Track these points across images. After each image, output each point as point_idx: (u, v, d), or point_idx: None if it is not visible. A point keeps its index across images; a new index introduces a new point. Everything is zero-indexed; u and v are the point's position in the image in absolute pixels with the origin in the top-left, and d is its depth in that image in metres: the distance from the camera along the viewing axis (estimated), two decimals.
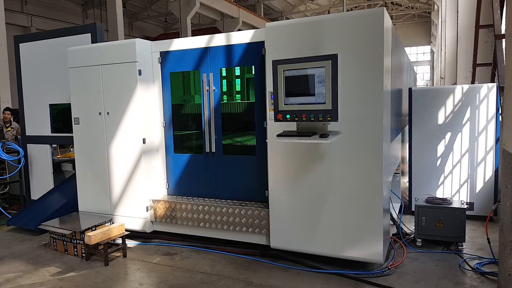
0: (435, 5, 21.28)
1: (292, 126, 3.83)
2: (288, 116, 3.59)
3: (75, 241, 4.72)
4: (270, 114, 4.14)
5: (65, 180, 6.46)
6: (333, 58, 3.35)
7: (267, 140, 3.61)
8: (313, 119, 3.48)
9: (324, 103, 3.42)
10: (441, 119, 5.83)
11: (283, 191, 4.18)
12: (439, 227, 4.73)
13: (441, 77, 17.36)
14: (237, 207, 4.50)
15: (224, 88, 5.15)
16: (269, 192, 4.26)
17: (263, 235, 4.45)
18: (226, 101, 4.98)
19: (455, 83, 10.51)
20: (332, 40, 3.76)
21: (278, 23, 4.13)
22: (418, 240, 4.79)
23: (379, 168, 3.75)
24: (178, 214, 4.83)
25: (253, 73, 4.51)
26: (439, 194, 5.85)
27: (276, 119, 3.66)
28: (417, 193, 5.77)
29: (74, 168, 6.60)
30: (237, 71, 5.20)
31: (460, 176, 5.82)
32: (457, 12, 9.62)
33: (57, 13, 19.58)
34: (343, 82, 3.65)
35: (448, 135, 5.82)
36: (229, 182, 4.77)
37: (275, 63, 3.59)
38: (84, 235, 4.64)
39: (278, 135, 3.68)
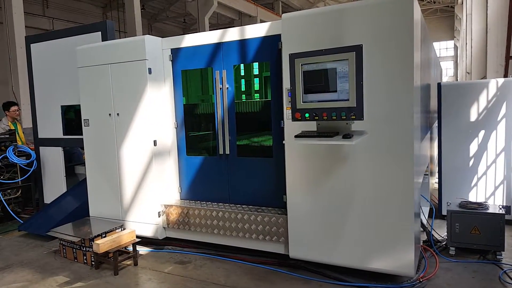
0: None
1: (311, 125, 3.50)
2: (307, 115, 3.26)
3: (84, 249, 4.52)
4: (287, 113, 3.82)
5: (77, 184, 6.30)
6: (358, 49, 3.00)
7: (284, 142, 3.30)
8: (335, 118, 3.14)
9: (348, 99, 3.08)
10: (473, 116, 5.37)
11: (302, 196, 3.86)
12: (474, 234, 4.30)
13: (467, 72, 16.63)
14: (253, 213, 4.20)
15: (243, 87, 4.85)
16: (287, 198, 3.95)
17: (281, 243, 4.13)
18: (244, 99, 4.69)
19: (484, 77, 9.92)
20: (355, 31, 3.41)
21: (295, 14, 3.81)
22: (451, 248, 4.38)
23: (409, 170, 3.39)
24: (191, 220, 4.57)
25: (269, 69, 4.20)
26: (472, 197, 5.40)
27: (294, 119, 3.34)
28: (448, 196, 5.34)
29: None
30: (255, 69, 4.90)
31: (495, 178, 5.35)
32: (487, 3, 9.04)
33: (78, 16, 19.74)
34: (367, 77, 3.27)
35: (482, 133, 5.35)
36: (244, 186, 4.47)
37: (292, 57, 3.27)
38: (93, 242, 4.43)
39: (296, 136, 3.36)
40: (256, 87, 4.91)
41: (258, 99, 4.83)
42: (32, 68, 6.25)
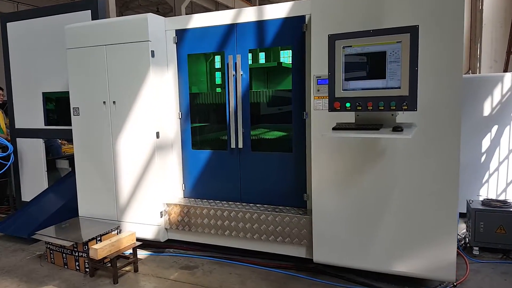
0: None
1: (342, 117, 3.13)
2: (348, 104, 2.89)
3: (77, 254, 3.99)
4: (315, 103, 3.44)
5: (60, 179, 5.69)
6: (413, 30, 2.65)
7: (322, 135, 2.94)
8: (382, 108, 2.79)
9: (399, 87, 2.73)
10: (486, 111, 5.20)
11: (329, 195, 3.50)
12: (500, 233, 4.12)
13: None
14: (271, 214, 3.81)
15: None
16: (313, 197, 3.58)
17: (303, 246, 3.77)
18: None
19: (467, 73, 9.87)
20: (398, 10, 3.07)
21: None
22: (475, 248, 4.18)
23: (455, 166, 3.11)
24: (198, 220, 4.12)
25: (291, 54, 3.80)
26: (483, 193, 5.25)
27: (332, 109, 2.96)
28: (460, 192, 5.15)
29: (70, 165, 5.85)
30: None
31: (507, 174, 5.21)
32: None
33: (45, 2, 18.43)
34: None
35: (495, 128, 5.20)
36: (259, 183, 4.06)
37: (333, 38, 2.88)
38: (87, 247, 3.91)
39: (334, 129, 2.98)
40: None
41: (277, 88, 4.43)
42: (8, 50, 5.54)
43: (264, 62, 4.81)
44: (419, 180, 3.20)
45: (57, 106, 5.45)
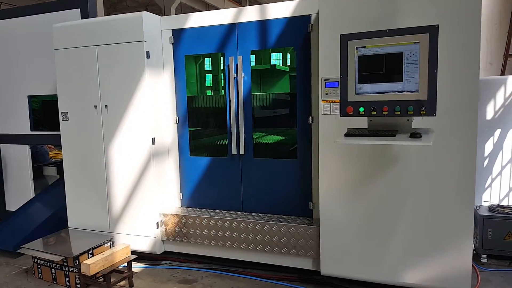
0: None
1: (351, 122, 2.97)
2: (361, 109, 2.72)
3: (67, 269, 3.72)
4: (323, 107, 3.26)
5: (48, 188, 5.39)
6: (433, 30, 2.49)
7: (335, 142, 2.75)
8: (398, 112, 2.62)
9: (417, 91, 2.56)
10: (489, 114, 5.10)
11: (339, 204, 3.32)
12: (508, 240, 4.00)
13: None
14: (276, 224, 3.60)
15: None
16: (320, 206, 3.39)
17: (309, 258, 3.57)
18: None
19: None
20: (412, 8, 2.90)
21: None
22: (482, 256, 4.05)
23: (471, 171, 2.96)
24: (198, 231, 3.89)
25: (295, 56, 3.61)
26: (486, 198, 5.14)
27: (344, 113, 2.78)
28: None
29: (58, 172, 5.56)
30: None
31: (510, 179, 5.12)
32: None
33: (30, 2, 17.94)
34: None
35: (498, 131, 5.10)
36: (261, 191, 3.86)
37: (345, 38, 2.70)
38: (78, 261, 3.65)
39: (346, 135, 2.80)
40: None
41: (281, 91, 4.23)
42: None
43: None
44: (433, 187, 3.04)
45: (44, 110, 5.15)
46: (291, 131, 3.74)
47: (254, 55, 4.69)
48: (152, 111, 3.90)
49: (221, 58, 3.76)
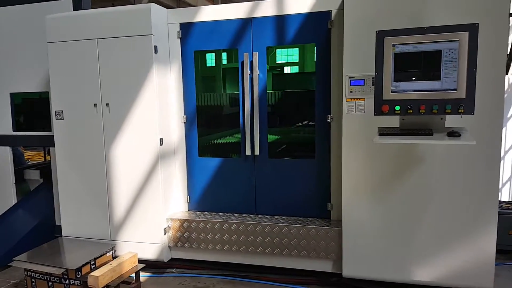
0: None
1: (378, 121, 2.91)
2: (397, 107, 2.66)
3: (67, 281, 3.42)
4: (347, 105, 3.18)
5: (31, 193, 4.98)
6: (472, 28, 2.48)
7: (374, 141, 2.67)
8: (436, 111, 2.59)
9: (455, 89, 2.54)
10: None
11: (362, 204, 3.26)
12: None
13: None
14: (295, 226, 3.49)
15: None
16: (343, 207, 3.31)
17: (329, 260, 3.49)
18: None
19: None
20: (442, 6, 2.88)
21: None
22: None
23: (496, 169, 2.99)
24: (209, 236, 3.70)
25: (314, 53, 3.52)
26: None
27: (379, 112, 2.71)
28: None
29: (41, 176, 5.14)
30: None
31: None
32: None
33: None
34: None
35: None
36: (276, 193, 3.73)
37: (381, 35, 2.64)
38: (81, 273, 3.36)
39: (380, 134, 2.74)
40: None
41: (298, 90, 4.11)
42: None
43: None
44: (458, 186, 3.05)
45: (29, 109, 4.75)
46: (308, 130, 3.64)
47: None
48: (160, 109, 3.67)
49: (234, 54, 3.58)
